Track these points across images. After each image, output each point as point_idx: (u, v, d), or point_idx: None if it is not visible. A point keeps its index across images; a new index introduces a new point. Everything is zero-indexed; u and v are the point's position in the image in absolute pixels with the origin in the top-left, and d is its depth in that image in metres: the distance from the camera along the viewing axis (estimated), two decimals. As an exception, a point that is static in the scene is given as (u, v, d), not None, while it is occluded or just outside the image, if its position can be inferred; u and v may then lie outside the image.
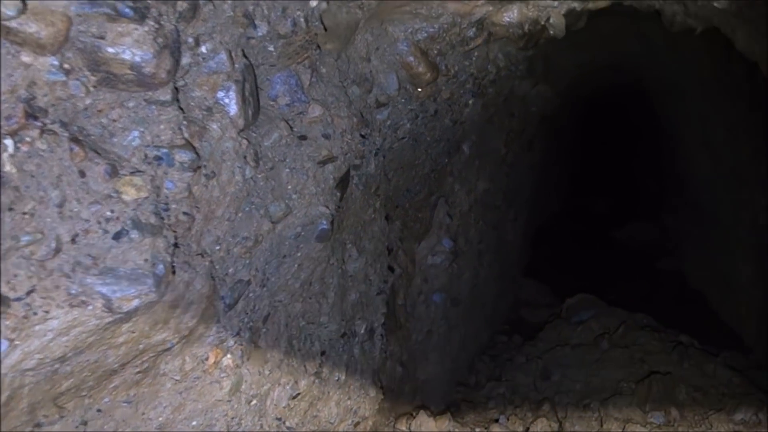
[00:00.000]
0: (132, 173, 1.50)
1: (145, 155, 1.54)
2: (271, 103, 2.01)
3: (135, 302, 1.48)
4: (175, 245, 1.60)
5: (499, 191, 5.22)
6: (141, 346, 1.66)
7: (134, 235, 1.48)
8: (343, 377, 2.69)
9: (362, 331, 2.84)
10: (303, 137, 2.10)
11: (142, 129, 1.54)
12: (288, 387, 2.32)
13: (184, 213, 1.62)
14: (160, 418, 1.82)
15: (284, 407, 2.31)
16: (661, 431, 3.35)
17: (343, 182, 2.36)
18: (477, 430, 3.57)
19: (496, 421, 3.72)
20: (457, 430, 3.50)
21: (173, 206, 1.60)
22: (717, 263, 6.15)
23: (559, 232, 10.99)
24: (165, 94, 1.55)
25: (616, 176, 17.11)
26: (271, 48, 1.92)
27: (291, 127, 2.06)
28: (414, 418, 3.44)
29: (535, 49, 3.81)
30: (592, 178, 16.52)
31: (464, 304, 4.44)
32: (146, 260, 1.49)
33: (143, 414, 1.78)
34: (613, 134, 16.26)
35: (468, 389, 4.36)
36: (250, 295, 2.05)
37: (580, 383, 3.99)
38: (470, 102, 3.32)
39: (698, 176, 6.48)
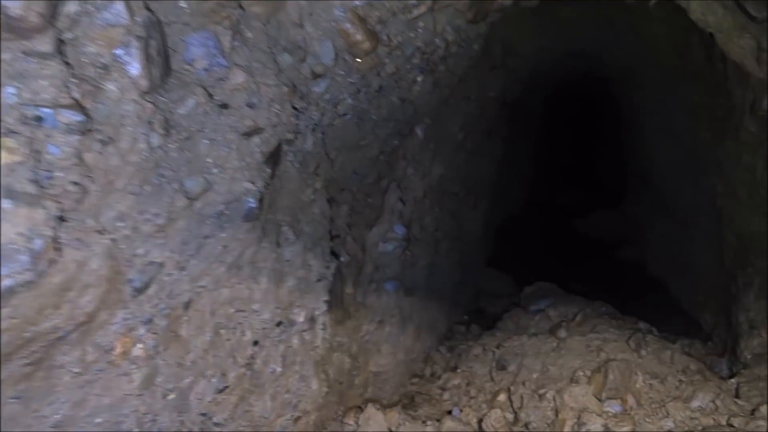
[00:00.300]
0: (5, 134, 1.31)
1: (23, 115, 1.34)
2: (187, 67, 1.82)
3: (7, 282, 1.28)
4: (61, 218, 1.41)
5: (457, 178, 5.08)
6: (27, 335, 1.47)
7: (6, 204, 1.29)
8: (280, 369, 2.52)
9: (301, 320, 2.67)
10: (224, 105, 1.92)
11: (18, 84, 1.34)
12: (214, 380, 2.14)
13: (73, 182, 1.43)
14: (57, 415, 1.62)
15: (210, 402, 2.13)
16: (617, 420, 3.23)
17: (273, 158, 2.18)
18: (429, 423, 3.42)
19: (450, 413, 3.58)
20: (408, 423, 3.35)
21: (58, 174, 1.40)
22: (678, 251, 6.10)
23: (524, 224, 10.93)
24: (45, 45, 1.36)
25: (581, 166, 17.20)
26: (183, 4, 1.74)
27: (210, 95, 1.88)
28: (363, 411, 3.28)
29: (489, 27, 3.67)
30: (556, 169, 16.56)
31: (419, 293, 4.29)
32: (20, 234, 1.30)
33: (36, 411, 1.59)
34: (577, 123, 16.31)
35: (423, 381, 4.22)
36: (165, 278, 1.86)
37: (536, 372, 3.86)
38: (419, 79, 3.16)
39: (660, 163, 6.43)
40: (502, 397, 3.65)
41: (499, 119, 6.48)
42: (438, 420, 3.46)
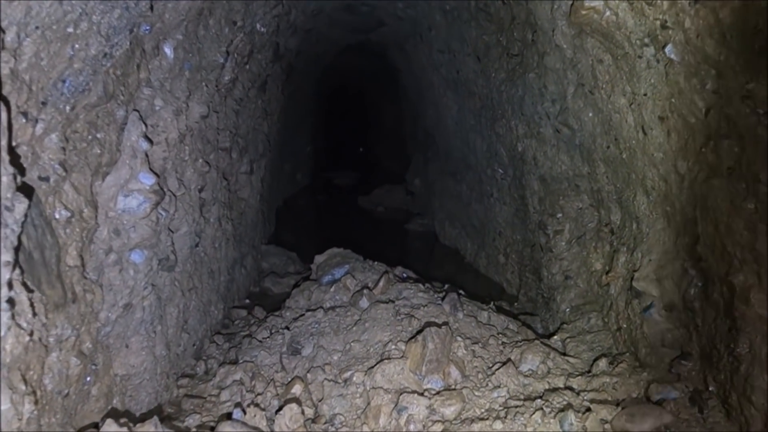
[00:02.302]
0: None
1: None
2: None
3: None
4: None
5: (226, 129, 4.14)
6: None
7: None
8: None
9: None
10: None
11: None
12: None
13: None
14: None
15: None
16: (443, 399, 2.56)
17: None
18: (199, 435, 2.49)
19: (230, 417, 2.67)
20: (168, 440, 2.39)
21: None
22: (469, 215, 5.73)
23: (305, 205, 10.26)
24: None
25: (358, 145, 17.01)
26: None
27: None
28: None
29: None
30: (334, 149, 16.18)
31: (183, 267, 3.30)
32: None
33: None
34: (354, 97, 16.05)
35: (194, 381, 3.24)
36: None
37: (338, 353, 3.09)
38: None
39: (446, 125, 6.03)
40: (297, 388, 2.82)
41: (274, 71, 5.63)
42: (212, 429, 2.53)
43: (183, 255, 3.30)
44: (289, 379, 3.03)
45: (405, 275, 4.23)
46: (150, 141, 2.83)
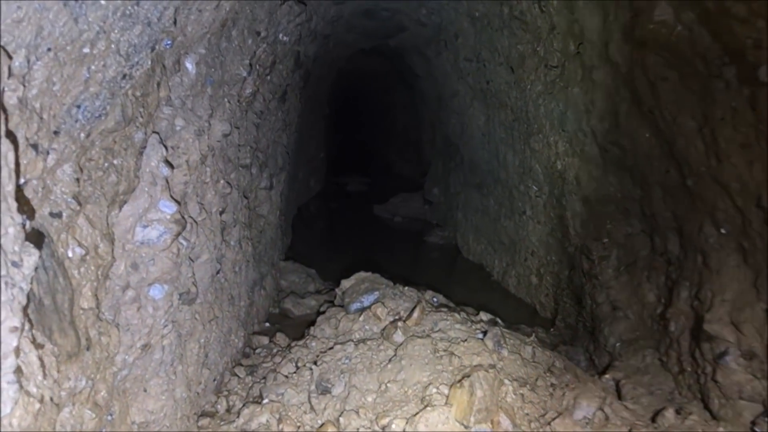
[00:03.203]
0: None
1: None
2: None
3: None
4: None
5: (246, 145, 3.89)
6: None
7: None
8: None
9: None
10: None
11: None
12: None
13: None
14: None
15: None
16: (495, 454, 2.31)
17: None
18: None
19: (258, 472, 2.42)
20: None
21: None
22: (496, 230, 5.47)
23: (320, 212, 10.01)
24: None
25: (374, 150, 16.73)
26: None
27: None
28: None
29: None
30: (349, 153, 15.91)
31: (204, 298, 3.06)
32: None
33: None
34: (370, 101, 15.79)
35: (216, 421, 3.00)
36: None
37: (372, 394, 2.84)
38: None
39: (472, 134, 5.77)
40: (330, 436, 2.57)
41: (293, 80, 5.39)
42: (240, 489, 2.30)
43: (204, 285, 3.05)
44: (320, 423, 2.79)
45: (436, 300, 3.98)
46: (171, 165, 2.59)
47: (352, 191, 12.03)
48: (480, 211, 5.86)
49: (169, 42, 2.49)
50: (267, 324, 4.43)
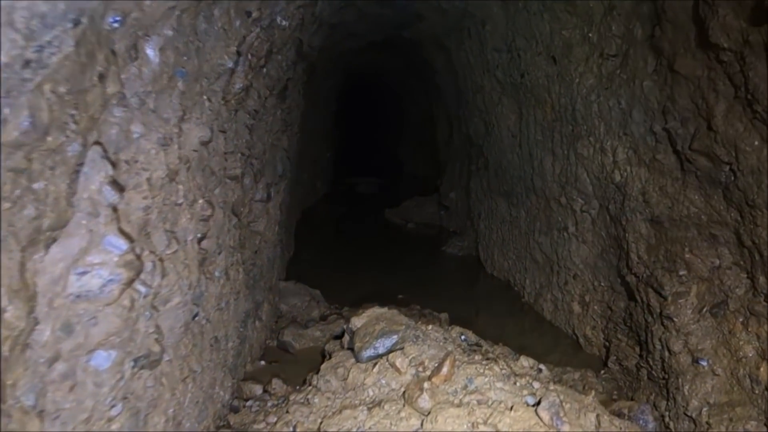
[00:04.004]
0: None
1: None
2: None
3: None
4: None
5: (236, 152, 3.20)
6: None
7: None
8: None
9: None
10: None
11: None
12: None
13: None
14: None
15: None
16: None
17: None
18: None
19: None
20: None
21: None
22: (530, 246, 4.76)
23: (325, 218, 9.31)
24: None
25: (386, 146, 16.00)
26: None
27: None
28: None
29: None
30: (357, 151, 15.19)
31: (175, 354, 2.37)
32: None
33: None
34: (383, 93, 15.05)
35: None
36: None
37: (393, 486, 2.15)
38: None
39: (499, 134, 5.05)
40: None
41: (296, 74, 4.69)
42: None
43: (174, 337, 2.37)
44: None
45: (465, 338, 3.28)
46: (120, 187, 1.90)
47: (363, 193, 11.33)
48: (508, 222, 5.15)
49: (117, 19, 1.80)
50: (262, 362, 3.74)
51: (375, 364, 2.82)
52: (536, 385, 2.61)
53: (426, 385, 2.50)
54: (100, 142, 1.83)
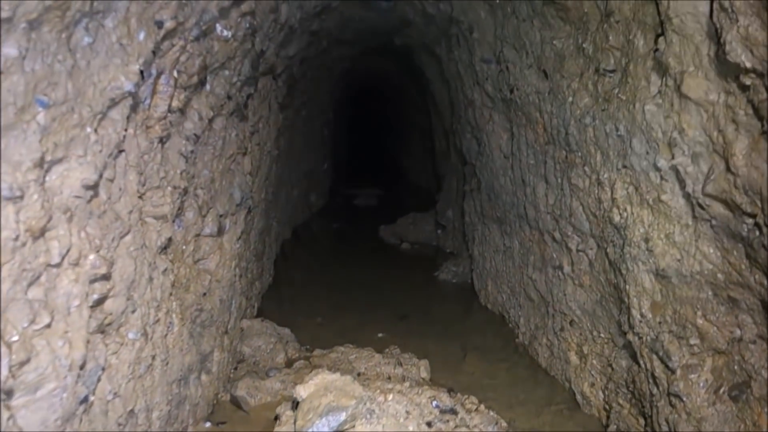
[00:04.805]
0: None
1: None
2: None
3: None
4: None
5: (167, 185, 2.70)
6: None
7: None
8: None
9: None
10: None
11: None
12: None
13: None
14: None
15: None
16: None
17: None
18: None
19: None
20: None
21: None
22: (524, 281, 4.23)
23: (320, 234, 8.80)
24: None
25: (384, 156, 15.48)
26: None
27: None
28: None
29: None
30: (353, 161, 14.65)
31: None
32: None
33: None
34: (380, 101, 14.54)
35: None
36: None
37: None
38: None
39: (492, 152, 4.52)
40: None
41: (264, 88, 4.20)
42: None
43: (43, 436, 1.87)
44: None
45: (436, 404, 2.78)
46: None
47: (360, 205, 10.82)
48: (501, 252, 4.61)
49: None
50: (207, 423, 3.24)
51: (317, 451, 2.31)
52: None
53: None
54: None
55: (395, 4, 5.12)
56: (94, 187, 2.02)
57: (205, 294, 3.43)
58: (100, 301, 2.19)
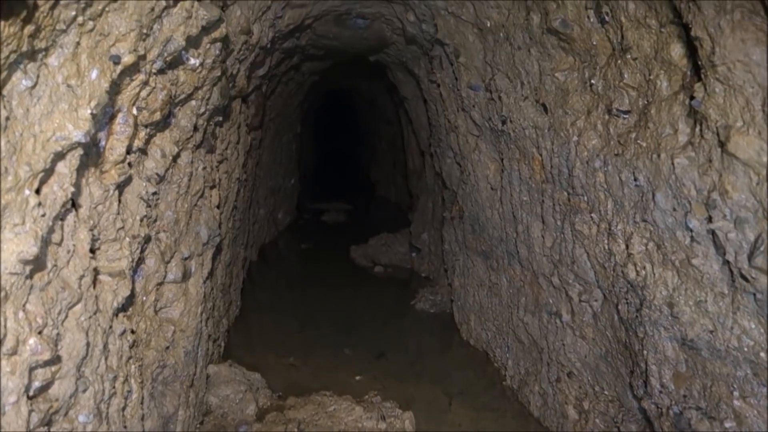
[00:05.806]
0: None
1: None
2: None
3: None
4: None
5: (125, 237, 2.35)
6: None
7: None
8: None
9: None
10: None
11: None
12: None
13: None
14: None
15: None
16: None
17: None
18: None
19: None
20: None
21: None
22: (514, 323, 3.96)
23: (287, 254, 8.43)
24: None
25: (355, 169, 15.15)
26: None
27: None
28: None
29: None
30: (323, 173, 14.31)
31: None
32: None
33: None
34: (346, 111, 14.21)
35: None
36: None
37: None
38: None
39: (476, 170, 4.24)
40: None
41: (232, 112, 3.86)
42: None
43: None
44: None
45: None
46: None
47: (329, 222, 10.46)
48: (487, 287, 4.34)
49: None
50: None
51: None
52: None
53: None
54: None
55: (372, 22, 4.82)
56: (34, 261, 1.67)
57: (168, 348, 3.08)
58: (43, 389, 1.84)
